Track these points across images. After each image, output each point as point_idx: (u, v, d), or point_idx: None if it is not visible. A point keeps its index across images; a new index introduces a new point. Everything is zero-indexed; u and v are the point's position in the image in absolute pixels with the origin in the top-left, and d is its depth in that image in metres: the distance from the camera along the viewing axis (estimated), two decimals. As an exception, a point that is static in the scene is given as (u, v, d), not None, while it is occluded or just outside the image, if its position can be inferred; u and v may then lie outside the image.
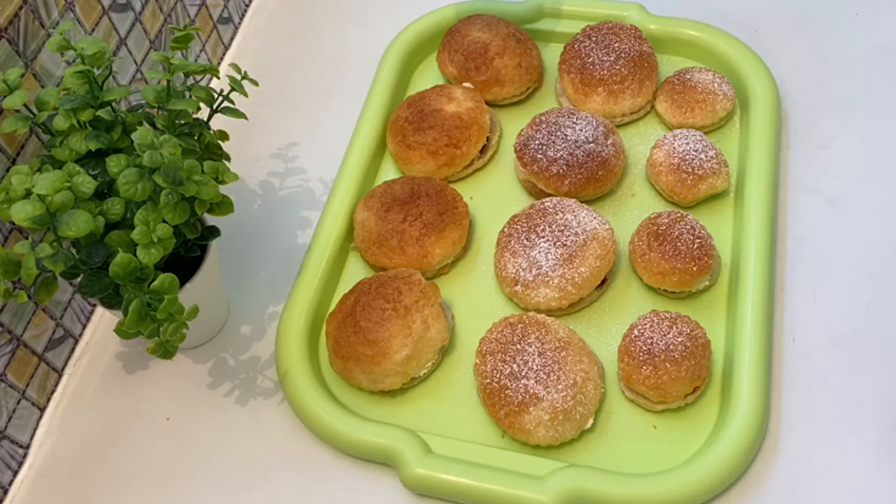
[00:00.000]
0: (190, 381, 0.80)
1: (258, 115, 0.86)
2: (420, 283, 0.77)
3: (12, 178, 0.61)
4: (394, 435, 0.72)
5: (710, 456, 0.69)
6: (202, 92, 0.72)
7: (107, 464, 0.76)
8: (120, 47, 0.84)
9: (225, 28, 1.03)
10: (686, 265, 0.77)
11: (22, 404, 0.75)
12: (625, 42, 0.91)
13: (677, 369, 0.71)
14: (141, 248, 0.63)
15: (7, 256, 0.63)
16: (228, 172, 0.70)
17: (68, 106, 0.67)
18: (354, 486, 0.73)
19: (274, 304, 0.84)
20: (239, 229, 0.87)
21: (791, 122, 0.91)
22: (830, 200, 0.85)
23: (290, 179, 0.93)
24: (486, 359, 0.74)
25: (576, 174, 0.83)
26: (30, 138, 0.73)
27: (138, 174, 0.64)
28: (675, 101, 0.90)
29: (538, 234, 0.79)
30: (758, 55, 0.93)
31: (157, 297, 0.63)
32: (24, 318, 0.74)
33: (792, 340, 0.77)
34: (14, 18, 0.70)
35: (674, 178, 0.83)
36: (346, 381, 0.77)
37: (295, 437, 0.76)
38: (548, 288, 0.77)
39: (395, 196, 0.83)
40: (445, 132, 0.87)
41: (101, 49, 0.68)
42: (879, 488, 0.69)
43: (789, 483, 0.70)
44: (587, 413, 0.72)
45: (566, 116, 0.86)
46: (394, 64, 0.97)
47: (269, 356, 0.81)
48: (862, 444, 0.71)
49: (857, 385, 0.74)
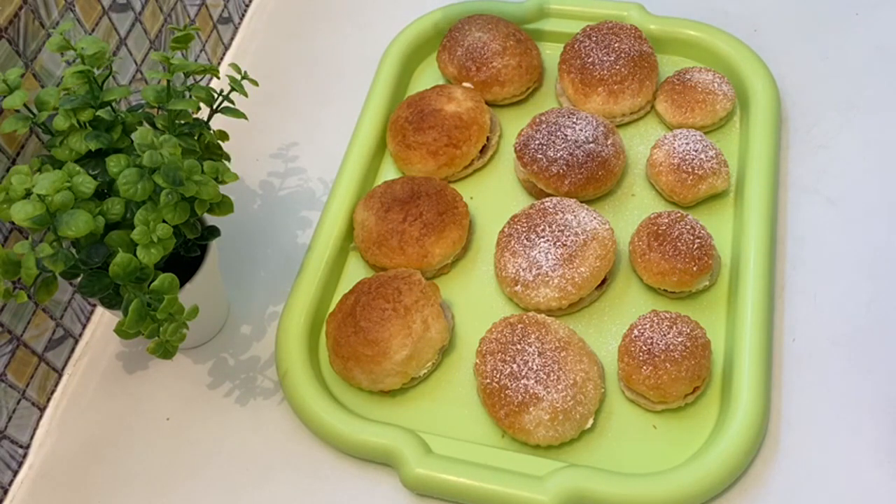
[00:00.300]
0: (190, 381, 0.80)
1: (258, 115, 0.86)
2: (420, 283, 0.77)
3: (12, 178, 0.61)
4: (394, 435, 0.72)
5: (710, 456, 0.69)
6: (202, 92, 0.72)
7: (107, 464, 0.76)
8: (120, 47, 0.84)
9: (225, 28, 1.03)
10: (686, 265, 0.77)
11: (22, 404, 0.75)
12: (625, 42, 0.91)
13: (677, 369, 0.71)
14: (141, 248, 0.63)
15: (7, 256, 0.63)
16: (228, 172, 0.70)
17: (68, 106, 0.67)
18: (354, 486, 0.73)
19: (274, 304, 0.84)
20: (239, 229, 0.87)
21: (791, 122, 0.91)
22: (830, 200, 0.85)
23: (290, 179, 0.93)
24: (486, 359, 0.74)
25: (576, 174, 0.83)
26: (30, 138, 0.73)
27: (138, 174, 0.64)
28: (675, 101, 0.90)
29: (538, 234, 0.79)
30: (758, 55, 0.93)
31: (157, 297, 0.63)
32: (24, 318, 0.74)
33: (792, 340, 0.77)
34: (14, 18, 0.70)
35: (674, 178, 0.83)
36: (346, 381, 0.77)
37: (295, 437, 0.76)
38: (548, 288, 0.77)
39: (395, 196, 0.83)
40: (445, 132, 0.87)
41: (101, 49, 0.68)
42: (879, 488, 0.69)
43: (789, 483, 0.70)
44: (587, 413, 0.72)
45: (566, 116, 0.86)
46: (394, 64, 0.97)
47: (269, 356, 0.81)
48: (862, 444, 0.71)
49: (857, 385, 0.74)
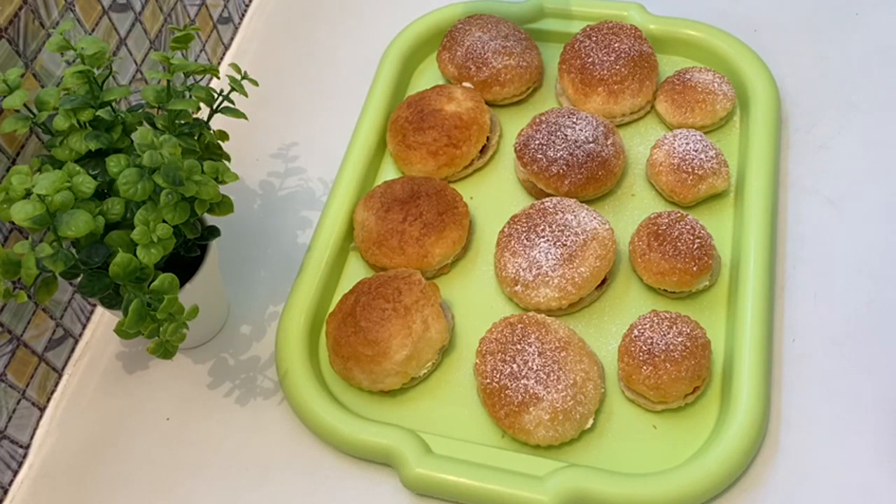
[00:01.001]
0: (190, 381, 0.80)
1: (258, 115, 0.86)
2: (420, 283, 0.77)
3: (12, 178, 0.61)
4: (394, 435, 0.72)
5: (710, 456, 0.69)
6: (202, 92, 0.72)
7: (107, 464, 0.76)
8: (120, 47, 0.84)
9: (225, 28, 1.03)
10: (686, 265, 0.77)
11: (22, 404, 0.75)
12: (625, 42, 0.91)
13: (677, 369, 0.71)
14: (141, 248, 0.63)
15: (7, 256, 0.62)
16: (228, 172, 0.70)
17: (68, 106, 0.67)
18: (354, 486, 0.73)
19: (274, 304, 0.84)
20: (239, 229, 0.87)
21: (791, 122, 0.91)
22: (830, 200, 0.85)
23: (290, 179, 0.93)
24: (486, 359, 0.74)
25: (576, 174, 0.83)
26: (30, 138, 0.73)
27: (138, 174, 0.64)
28: (675, 101, 0.90)
29: (538, 234, 0.79)
30: (758, 55, 0.93)
31: (157, 297, 0.63)
32: (24, 318, 0.74)
33: (792, 340, 0.77)
34: (14, 18, 0.70)
35: (674, 178, 0.83)
36: (346, 381, 0.77)
37: (295, 437, 0.76)
38: (548, 288, 0.77)
39: (395, 196, 0.83)
40: (445, 132, 0.87)
41: (101, 49, 0.68)
42: (879, 488, 0.69)
43: (789, 483, 0.70)
44: (587, 413, 0.72)
45: (566, 116, 0.86)
46: (394, 64, 0.97)
47: (269, 356, 0.81)
48: (862, 444, 0.71)
49: (857, 385, 0.74)
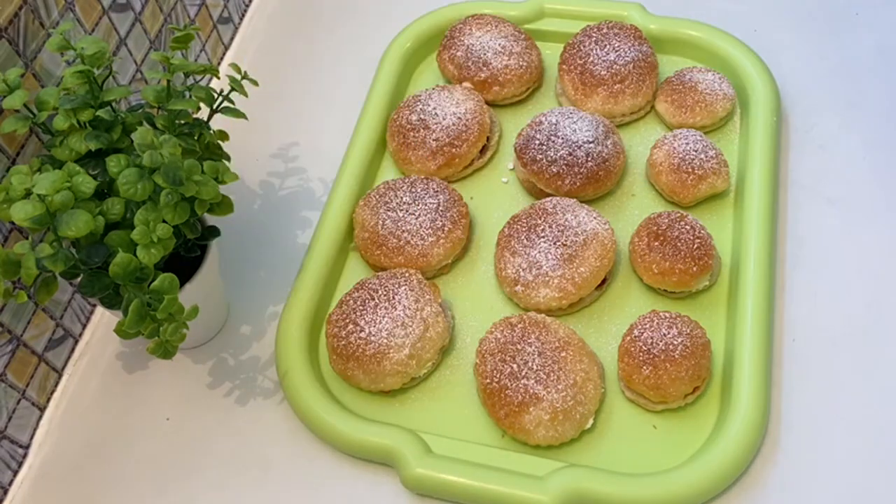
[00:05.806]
0: (190, 381, 0.80)
1: (258, 115, 0.86)
2: (420, 283, 0.77)
3: (12, 178, 0.61)
4: (394, 435, 0.72)
5: (710, 456, 0.69)
6: (202, 92, 0.72)
7: (107, 464, 0.76)
8: (120, 47, 0.84)
9: (225, 28, 1.03)
10: (686, 265, 0.77)
11: (22, 404, 0.75)
12: (625, 42, 0.91)
13: (677, 369, 0.71)
14: (141, 248, 0.63)
15: (7, 256, 0.62)
16: (228, 172, 0.70)
17: (68, 106, 0.67)
18: (354, 486, 0.73)
19: (274, 304, 0.84)
20: (239, 229, 0.87)
21: (791, 122, 0.91)
22: (830, 200, 0.85)
23: (290, 179, 0.93)
24: (486, 359, 0.74)
25: (576, 174, 0.83)
26: (30, 138, 0.73)
27: (138, 174, 0.64)
28: (675, 101, 0.90)
29: (538, 234, 0.79)
30: (758, 55, 0.93)
31: (157, 297, 0.63)
32: (24, 318, 0.74)
33: (792, 340, 0.77)
34: (14, 18, 0.70)
35: (674, 178, 0.83)
36: (346, 381, 0.77)
37: (295, 437, 0.76)
38: (548, 288, 0.77)
39: (395, 196, 0.83)
40: (445, 132, 0.87)
41: (101, 49, 0.68)
42: (879, 488, 0.69)
43: (789, 483, 0.70)
44: (587, 413, 0.72)
45: (566, 116, 0.86)
46: (394, 64, 0.97)
47: (269, 356, 0.81)
48: (862, 445, 0.71)
49: (857, 385, 0.74)
